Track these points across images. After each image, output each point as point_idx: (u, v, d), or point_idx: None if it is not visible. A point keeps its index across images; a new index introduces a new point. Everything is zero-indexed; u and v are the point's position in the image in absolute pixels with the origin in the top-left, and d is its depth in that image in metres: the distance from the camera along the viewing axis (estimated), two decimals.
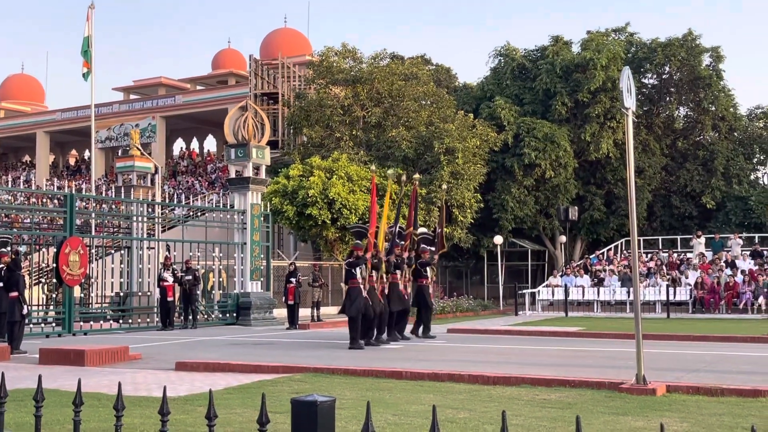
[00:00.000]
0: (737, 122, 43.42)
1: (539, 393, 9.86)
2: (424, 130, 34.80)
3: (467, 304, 31.10)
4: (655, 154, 40.61)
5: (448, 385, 10.71)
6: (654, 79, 43.42)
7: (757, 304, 27.72)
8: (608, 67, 37.16)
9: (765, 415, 8.23)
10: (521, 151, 36.61)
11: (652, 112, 42.65)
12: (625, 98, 10.28)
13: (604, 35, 40.71)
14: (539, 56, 40.74)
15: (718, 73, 42.02)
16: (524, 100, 39.65)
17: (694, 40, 41.29)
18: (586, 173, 40.26)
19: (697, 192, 41.16)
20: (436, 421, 2.29)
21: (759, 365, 13.14)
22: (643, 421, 7.93)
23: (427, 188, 33.12)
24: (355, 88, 36.05)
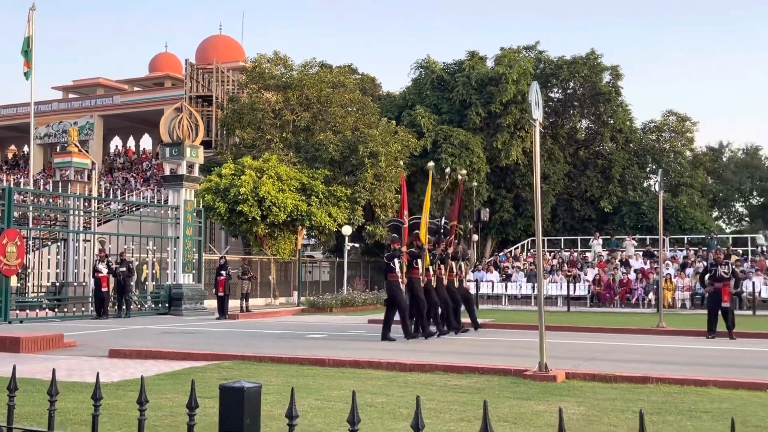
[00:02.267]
0: (633, 134, 44.74)
1: (451, 379, 9.95)
2: (350, 134, 34.81)
3: None
4: (559, 162, 41.51)
5: (367, 371, 10.72)
6: (559, 93, 44.36)
7: (647, 300, 28.58)
8: (519, 81, 37.79)
9: (652, 400, 8.49)
10: (439, 156, 36.92)
11: (557, 124, 43.57)
12: (534, 110, 10.47)
13: (515, 52, 41.39)
14: (457, 69, 41.16)
15: (617, 90, 43.24)
16: (442, 109, 40.01)
17: (596, 59, 42.37)
18: (497, 178, 40.88)
19: (596, 197, 42.27)
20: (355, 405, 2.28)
21: (648, 354, 13.54)
22: (544, 405, 8.08)
23: (352, 189, 33.16)
24: (286, 94, 35.80)
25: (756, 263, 30.06)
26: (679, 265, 30.81)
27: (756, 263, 30.06)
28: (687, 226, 40.03)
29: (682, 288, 28.68)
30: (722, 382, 9.50)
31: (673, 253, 33.50)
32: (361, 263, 41.52)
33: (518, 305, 30.28)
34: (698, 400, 8.50)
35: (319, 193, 31.95)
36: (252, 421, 2.43)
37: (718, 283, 16.84)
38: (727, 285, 16.81)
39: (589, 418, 7.43)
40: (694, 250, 33.04)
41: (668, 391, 9.10)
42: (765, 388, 9.21)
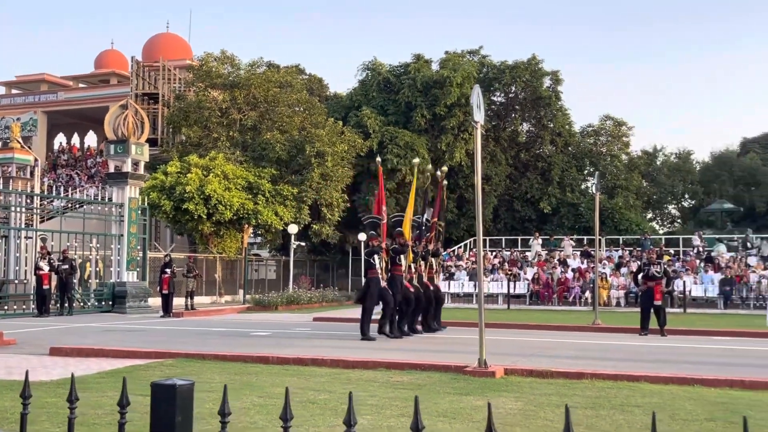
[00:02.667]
0: (571, 138, 45.46)
1: (393, 375, 9.97)
2: (297, 134, 34.62)
3: (332, 295, 31.13)
4: (501, 164, 41.96)
5: (311, 369, 10.66)
6: (502, 97, 44.82)
7: (584, 298, 29.07)
8: (463, 84, 38.06)
9: (587, 395, 8.63)
10: (385, 156, 36.95)
11: (500, 127, 44.02)
12: (476, 113, 10.54)
13: (460, 56, 41.70)
14: (402, 72, 41.27)
15: (557, 95, 43.88)
16: (388, 111, 40.07)
17: (537, 64, 42.93)
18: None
19: (536, 198, 42.85)
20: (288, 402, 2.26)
21: (584, 351, 13.77)
22: (482, 401, 8.14)
23: (298, 188, 32.96)
24: (233, 93, 35.41)
25: (687, 263, 30.84)
26: (615, 265, 31.42)
27: (687, 263, 30.84)
28: (622, 227, 40.85)
29: (617, 287, 29.25)
30: (653, 377, 9.72)
31: (609, 252, 34.14)
32: (307, 262, 41.35)
33: (461, 303, 30.49)
34: (630, 394, 8.67)
35: (265, 192, 31.69)
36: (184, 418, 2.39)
37: (650, 282, 17.23)
38: (659, 284, 17.20)
39: (526, 413, 7.52)
40: (628, 250, 33.73)
41: (602, 386, 9.26)
42: (693, 383, 9.45)
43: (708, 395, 8.69)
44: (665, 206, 59.59)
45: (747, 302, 27.16)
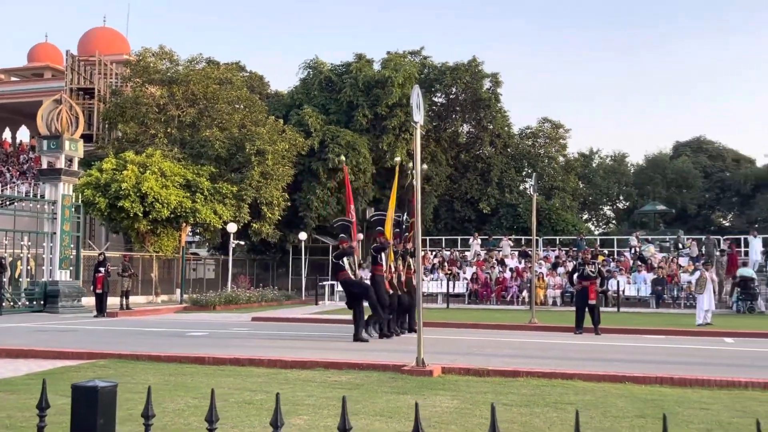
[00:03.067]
0: (510, 140, 46.09)
1: (331, 375, 9.94)
2: (237, 132, 34.23)
3: (272, 295, 30.88)
4: (442, 164, 42.25)
5: (248, 369, 10.56)
6: (443, 98, 45.13)
7: (521, 297, 29.48)
8: (404, 85, 38.19)
9: (522, 393, 8.74)
10: (326, 156, 36.87)
11: (440, 128, 44.32)
12: (415, 113, 10.58)
13: (401, 56, 41.82)
14: (344, 71, 41.19)
15: (496, 97, 44.41)
16: (330, 109, 39.95)
17: (478, 66, 43.36)
18: (383, 178, 41.14)
19: (475, 199, 43.30)
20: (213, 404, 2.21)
21: (520, 349, 13.95)
22: (420, 400, 8.16)
23: (238, 186, 32.60)
24: (171, 89, 34.80)
25: (621, 263, 31.54)
26: (551, 265, 31.95)
27: (621, 263, 31.54)
28: (559, 228, 41.57)
29: (553, 286, 29.74)
30: (587, 375, 9.91)
31: (545, 252, 34.69)
32: (246, 261, 40.94)
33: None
34: (564, 392, 8.82)
35: (204, 190, 31.26)
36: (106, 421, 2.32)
37: (585, 281, 17.56)
38: (593, 283, 17.55)
39: (462, 411, 7.58)
40: (565, 251, 34.34)
41: (537, 384, 9.40)
42: (625, 380, 9.66)
43: (639, 392, 8.90)
44: (600, 207, 60.88)
45: (678, 301, 27.91)
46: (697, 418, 7.40)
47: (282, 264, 41.66)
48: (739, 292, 26.10)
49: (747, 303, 25.59)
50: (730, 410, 7.79)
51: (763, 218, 51.63)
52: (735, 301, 26.19)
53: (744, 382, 9.34)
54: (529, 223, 22.74)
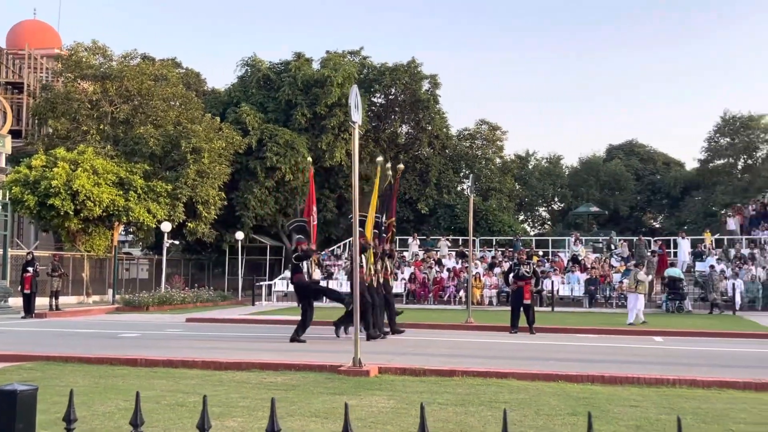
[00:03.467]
0: (449, 141, 46.53)
1: (267, 376, 9.85)
2: (172, 129, 33.63)
3: (207, 295, 30.44)
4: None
5: (181, 371, 10.39)
6: (382, 98, 45.27)
7: (458, 297, 29.74)
8: (343, 84, 38.17)
9: (457, 392, 8.81)
10: (264, 154, 36.57)
11: (380, 128, 44.44)
12: (353, 113, 10.58)
13: (341, 56, 41.78)
14: (283, 69, 40.93)
15: (435, 98, 44.77)
16: (268, 108, 39.64)
17: (417, 67, 43.64)
18: (321, 178, 41.05)
19: (414, 199, 43.55)
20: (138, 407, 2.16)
21: (456, 348, 14.06)
22: (356, 400, 8.17)
23: (173, 185, 32.06)
24: (104, 84, 34.01)
25: (555, 263, 32.11)
26: (488, 265, 32.32)
27: (555, 263, 32.11)
28: (496, 228, 42.12)
29: (489, 286, 30.09)
30: (521, 374, 10.05)
31: (482, 253, 35.08)
32: (181, 261, 40.32)
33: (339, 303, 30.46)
34: (499, 391, 8.93)
35: (137, 188, 30.64)
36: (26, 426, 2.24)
37: (520, 281, 17.82)
38: (528, 283, 17.83)
39: (398, 411, 7.60)
40: (501, 251, 34.78)
41: (472, 383, 9.49)
42: (558, 379, 9.84)
43: (571, 391, 9.06)
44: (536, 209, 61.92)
45: (610, 301, 28.54)
46: (626, 415, 7.57)
47: (218, 264, 41.19)
48: (668, 292, 26.84)
49: (675, 303, 26.33)
50: (658, 407, 8.00)
51: (692, 220, 53.29)
52: (664, 301, 26.93)
53: (672, 380, 9.60)
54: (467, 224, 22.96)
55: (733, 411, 7.86)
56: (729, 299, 26.38)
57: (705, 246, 33.04)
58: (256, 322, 21.08)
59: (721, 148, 58.38)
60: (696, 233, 38.86)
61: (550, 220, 62.16)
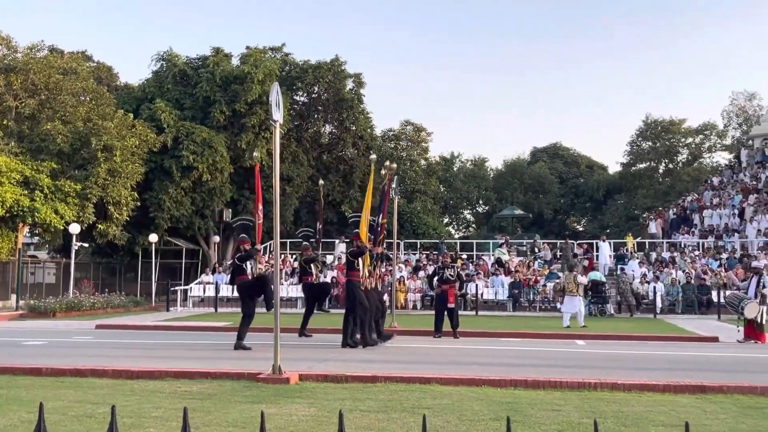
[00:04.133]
0: (373, 141, 46.75)
1: (181, 385, 9.70)
2: (82, 125, 32.71)
3: (119, 301, 29.70)
4: (303, 165, 42.18)
5: (90, 380, 10.13)
6: (304, 97, 45.12)
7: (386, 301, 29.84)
8: (264, 81, 37.83)
9: (380, 398, 8.86)
10: (180, 153, 35.92)
11: (302, 127, 44.26)
12: (274, 111, 10.52)
13: (261, 52, 41.43)
14: (201, 65, 40.30)
15: (359, 97, 44.90)
16: (185, 105, 38.96)
17: (341, 65, 43.68)
18: (241, 178, 40.61)
19: (338, 201, 43.55)
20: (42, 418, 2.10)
21: (379, 354, 14.12)
22: (275, 408, 8.12)
23: (82, 184, 31.18)
24: (8, 77, 32.81)
25: (479, 267, 32.60)
26: (413, 268, 32.58)
27: (479, 267, 32.60)
28: (420, 231, 42.53)
29: (414, 290, 30.33)
30: (444, 379, 10.17)
31: (407, 256, 35.34)
32: (91, 264, 39.25)
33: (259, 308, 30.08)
34: (422, 397, 9.01)
35: (44, 188, 29.67)
36: None
37: (445, 285, 18.03)
38: (453, 287, 18.05)
39: (319, 419, 7.59)
40: (426, 254, 35.11)
41: (395, 389, 9.56)
42: (482, 383, 10.00)
43: (494, 395, 9.23)
44: (461, 211, 62.84)
45: (534, 305, 29.17)
46: (549, 419, 7.76)
47: (130, 268, 40.24)
48: (590, 295, 27.59)
49: (598, 306, 27.09)
50: (580, 411, 8.22)
51: (614, 223, 54.99)
52: (587, 305, 27.68)
53: (593, 383, 9.88)
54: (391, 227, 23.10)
55: (653, 414, 8.15)
56: (650, 302, 27.30)
57: (627, 249, 34.10)
58: (170, 328, 20.70)
59: (643, 152, 60.49)
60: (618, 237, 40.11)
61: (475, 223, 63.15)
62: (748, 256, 30.54)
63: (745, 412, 8.37)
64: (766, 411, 8.43)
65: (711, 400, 9.07)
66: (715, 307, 26.09)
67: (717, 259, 31.09)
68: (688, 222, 38.39)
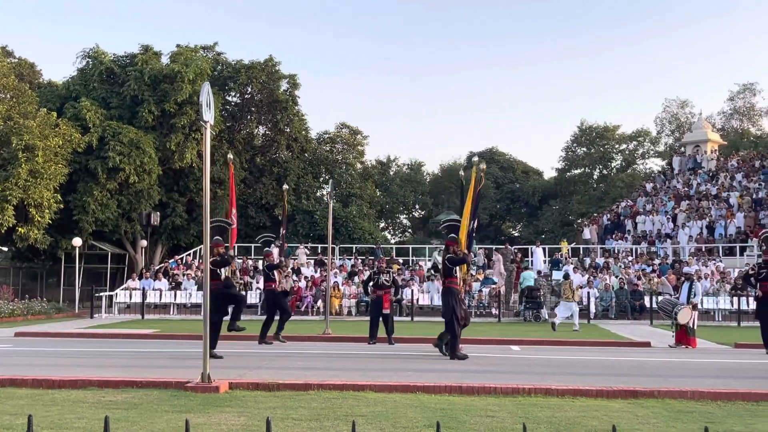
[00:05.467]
0: (308, 144, 46.63)
1: (106, 395, 9.50)
2: (2, 124, 31.73)
3: (40, 307, 28.90)
4: (236, 168, 41.76)
5: (9, 390, 9.84)
6: (237, 97, 44.73)
7: (316, 307, 29.76)
8: (195, 81, 37.36)
9: (312, 406, 8.83)
10: (106, 154, 35.18)
11: (234, 129, 43.86)
12: (205, 112, 10.40)
13: (193, 51, 40.90)
14: (128, 63, 39.58)
15: (294, 99, 44.76)
16: (111, 104, 38.19)
17: (275, 66, 43.45)
18: (170, 181, 40.03)
19: (271, 204, 43.28)
20: None
21: (313, 361, 14.08)
22: (204, 418, 8.02)
23: (2, 186, 30.25)
24: None
25: (415, 272, 32.79)
26: (348, 274, 32.56)
27: (415, 272, 32.79)
28: (356, 236, 42.53)
29: (349, 296, 30.31)
30: (378, 386, 10.20)
31: (342, 261, 35.31)
32: (11, 269, 38.18)
33: (188, 314, 29.82)
34: (355, 404, 9.02)
35: None
36: None
37: (380, 290, 18.09)
38: (388, 292, 18.12)
39: (249, 428, 7.52)
40: (361, 259, 35.14)
41: (328, 396, 9.54)
42: (416, 390, 10.06)
43: (429, 402, 9.29)
44: (397, 216, 63.11)
45: (469, 310, 29.45)
46: (483, 425, 7.85)
47: (53, 273, 39.23)
48: (525, 301, 28.03)
49: (533, 311, 27.54)
50: (514, 417, 8.34)
51: (549, 229, 55.97)
52: (522, 310, 28.10)
53: (527, 389, 10.04)
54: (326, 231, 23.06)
55: (585, 419, 8.32)
56: (584, 308, 27.86)
57: (562, 255, 34.75)
58: (95, 336, 20.24)
59: (577, 157, 61.80)
60: (553, 242, 40.86)
61: (411, 228, 63.51)
62: (680, 261, 31.45)
63: (675, 416, 8.62)
64: (696, 415, 8.70)
65: (642, 405, 9.31)
66: (648, 312, 26.81)
67: (650, 264, 31.94)
68: (621, 228, 39.37)
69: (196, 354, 12.96)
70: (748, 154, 47.48)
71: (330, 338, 19.26)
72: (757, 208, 35.78)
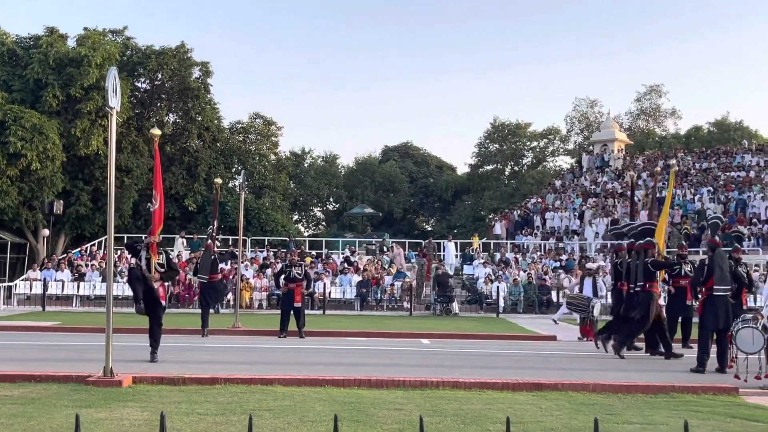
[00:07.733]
0: (220, 134, 45.94)
1: (2, 389, 9.19)
2: None
3: None
4: (144, 156, 40.79)
5: None
6: (147, 84, 43.67)
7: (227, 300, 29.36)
8: (103, 66, 36.28)
9: (219, 401, 8.72)
10: (6, 139, 33.83)
11: (143, 116, 42.82)
12: (110, 98, 10.17)
13: (101, 34, 39.71)
14: (32, 45, 38.15)
15: (206, 87, 44.02)
16: (13, 87, 36.74)
17: (186, 52, 42.62)
18: (75, 168, 38.78)
19: (181, 195, 42.46)
20: None
21: (221, 355, 13.90)
22: (105, 413, 7.84)
23: None
24: None
25: (328, 265, 32.75)
26: (259, 266, 32.25)
27: (328, 265, 32.75)
28: (268, 228, 42.19)
29: (260, 289, 30.03)
30: (287, 379, 10.17)
31: (254, 254, 34.96)
32: None
33: (92, 307, 28.97)
34: (263, 398, 8.97)
35: None
36: None
37: (291, 284, 18.00)
38: (300, 286, 18.05)
39: (152, 423, 7.38)
40: (274, 252, 34.86)
41: (236, 390, 9.46)
42: (325, 384, 10.07)
43: (337, 395, 9.31)
44: (311, 208, 62.95)
45: (381, 303, 29.62)
46: (390, 418, 7.92)
47: None
48: (436, 294, 28.36)
49: (444, 305, 27.89)
50: (421, 409, 8.44)
51: (462, 224, 56.81)
52: (433, 304, 28.43)
53: (435, 382, 10.18)
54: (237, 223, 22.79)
55: (491, 411, 8.49)
56: (493, 302, 28.40)
57: (473, 249, 35.31)
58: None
59: (490, 154, 62.90)
60: (465, 237, 41.47)
61: (325, 221, 63.42)
62: (586, 257, 32.37)
63: (578, 408, 8.89)
64: (597, 407, 8.98)
65: (546, 397, 9.56)
66: (555, 306, 27.50)
67: (557, 260, 32.78)
68: (530, 223, 40.25)
69: (98, 347, 12.62)
70: (653, 153, 49.28)
71: (240, 332, 19.08)
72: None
